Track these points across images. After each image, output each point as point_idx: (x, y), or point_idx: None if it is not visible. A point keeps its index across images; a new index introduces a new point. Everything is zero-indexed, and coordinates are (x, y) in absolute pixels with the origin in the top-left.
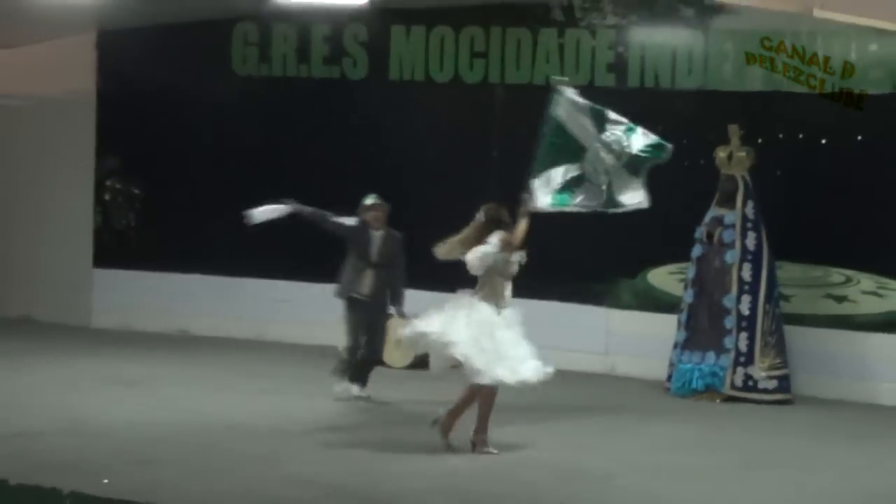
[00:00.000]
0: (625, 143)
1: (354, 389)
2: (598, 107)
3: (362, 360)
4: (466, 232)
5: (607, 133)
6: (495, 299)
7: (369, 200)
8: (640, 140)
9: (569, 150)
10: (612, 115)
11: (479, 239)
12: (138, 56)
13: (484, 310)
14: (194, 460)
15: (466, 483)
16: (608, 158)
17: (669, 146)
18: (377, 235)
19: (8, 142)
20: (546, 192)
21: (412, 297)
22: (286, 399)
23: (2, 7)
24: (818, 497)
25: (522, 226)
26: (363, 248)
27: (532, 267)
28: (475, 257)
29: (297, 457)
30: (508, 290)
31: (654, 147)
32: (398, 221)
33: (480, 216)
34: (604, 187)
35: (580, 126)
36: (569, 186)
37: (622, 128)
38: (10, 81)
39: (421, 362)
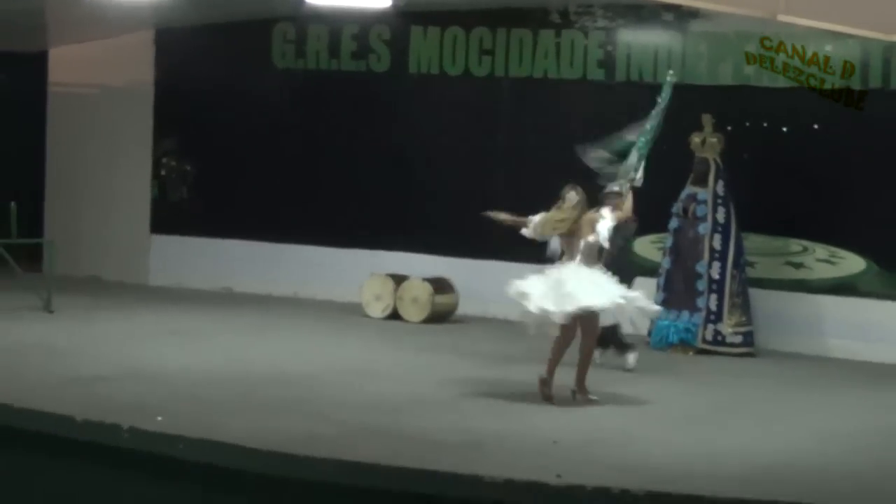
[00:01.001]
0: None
1: (630, 359)
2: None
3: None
4: (566, 212)
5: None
6: (592, 264)
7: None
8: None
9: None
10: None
11: (580, 216)
12: (190, 51)
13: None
14: (238, 400)
15: (470, 420)
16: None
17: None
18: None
19: (78, 125)
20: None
21: (426, 262)
22: (318, 348)
23: (74, 9)
24: (778, 436)
25: (629, 201)
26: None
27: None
28: (608, 231)
29: (328, 398)
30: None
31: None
32: (414, 198)
33: (574, 195)
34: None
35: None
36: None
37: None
38: (81, 72)
39: (435, 317)
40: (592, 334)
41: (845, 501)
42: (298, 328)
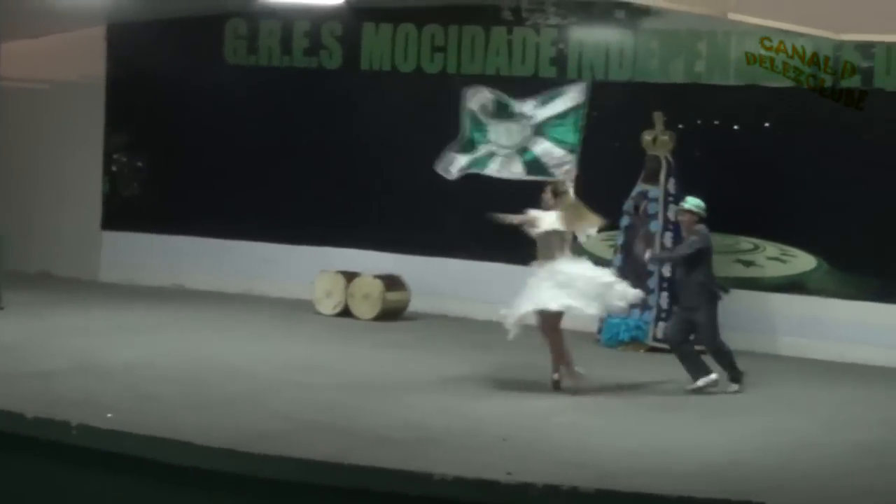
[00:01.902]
0: (531, 118)
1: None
2: (503, 100)
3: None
4: (576, 208)
5: (513, 113)
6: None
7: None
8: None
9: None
10: (518, 103)
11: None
12: (142, 46)
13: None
14: (188, 397)
15: (420, 417)
16: (516, 132)
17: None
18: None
19: (29, 119)
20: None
21: (378, 258)
22: (269, 344)
23: (27, 3)
24: (727, 433)
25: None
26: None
27: (484, 235)
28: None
29: (277, 395)
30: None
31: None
32: (366, 194)
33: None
34: (519, 157)
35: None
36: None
37: (531, 105)
38: (33, 67)
39: (387, 314)
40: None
41: (794, 498)
42: (250, 325)
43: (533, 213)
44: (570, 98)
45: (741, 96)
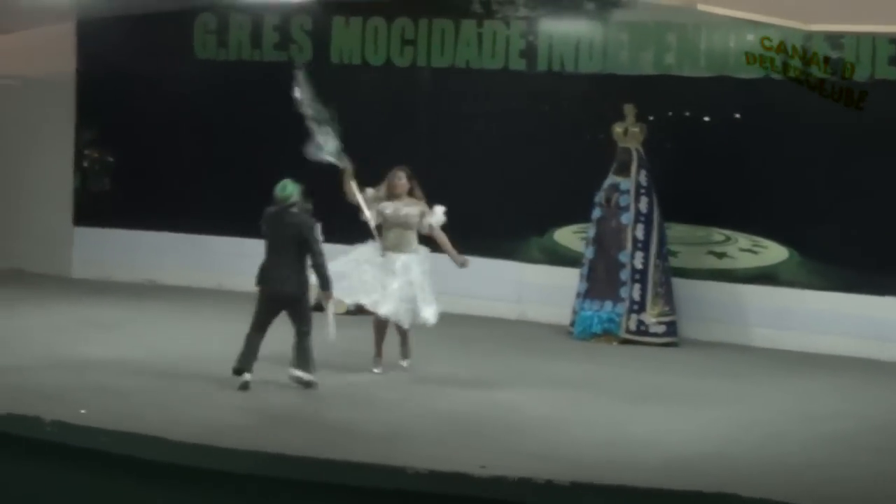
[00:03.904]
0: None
1: None
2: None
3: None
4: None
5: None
6: None
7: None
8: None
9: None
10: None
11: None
12: (112, 42)
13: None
14: (161, 393)
15: (393, 411)
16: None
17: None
18: None
19: None
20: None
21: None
22: (240, 340)
23: None
24: (701, 426)
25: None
26: None
27: (455, 227)
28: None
29: (250, 389)
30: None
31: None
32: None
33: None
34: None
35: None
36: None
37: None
38: (2, 63)
39: (359, 308)
40: None
41: (766, 489)
42: (221, 320)
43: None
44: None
45: (712, 87)
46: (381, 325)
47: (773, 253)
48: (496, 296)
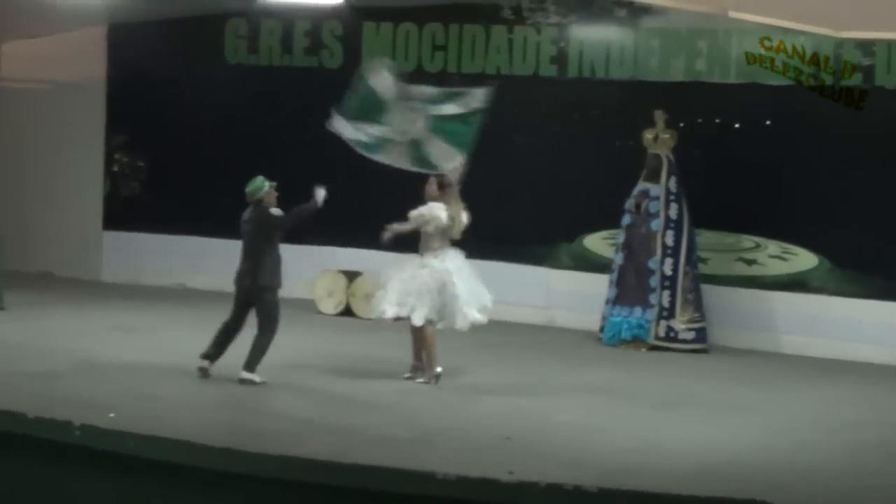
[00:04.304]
0: (430, 109)
1: None
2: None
3: None
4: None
5: (411, 103)
6: None
7: None
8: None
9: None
10: (418, 88)
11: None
12: (143, 46)
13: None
14: (190, 397)
15: (422, 416)
16: (411, 120)
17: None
18: None
19: (31, 120)
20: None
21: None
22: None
23: (27, 4)
24: (730, 433)
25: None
26: None
27: (486, 233)
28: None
29: (278, 394)
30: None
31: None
32: (368, 193)
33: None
34: (409, 150)
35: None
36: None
37: (431, 95)
38: (33, 68)
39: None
40: None
41: (795, 497)
42: (251, 324)
43: (417, 212)
44: (473, 101)
45: (742, 94)
46: (419, 333)
47: (803, 260)
48: (525, 302)
